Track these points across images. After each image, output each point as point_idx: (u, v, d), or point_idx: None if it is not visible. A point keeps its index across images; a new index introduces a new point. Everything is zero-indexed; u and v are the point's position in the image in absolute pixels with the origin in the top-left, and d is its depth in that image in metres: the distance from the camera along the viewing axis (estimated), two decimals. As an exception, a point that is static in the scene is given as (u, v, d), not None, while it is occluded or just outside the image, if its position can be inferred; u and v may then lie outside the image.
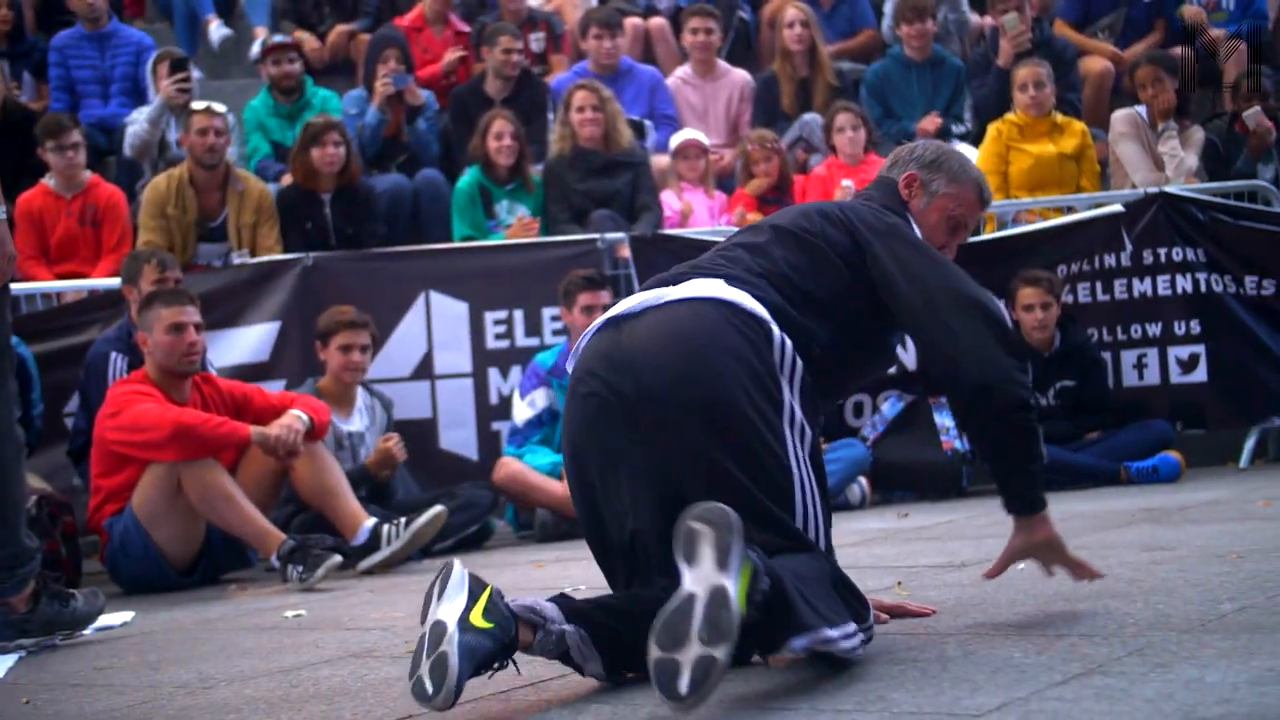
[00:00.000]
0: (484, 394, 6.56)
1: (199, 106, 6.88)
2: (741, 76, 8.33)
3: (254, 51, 8.65)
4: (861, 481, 6.29)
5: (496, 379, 6.57)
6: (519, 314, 6.59)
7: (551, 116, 7.76)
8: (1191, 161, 7.32)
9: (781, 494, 2.62)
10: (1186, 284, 6.64)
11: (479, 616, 2.40)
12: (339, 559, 5.02)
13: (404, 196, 7.47)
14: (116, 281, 6.12)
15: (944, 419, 6.35)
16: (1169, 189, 6.80)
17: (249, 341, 6.42)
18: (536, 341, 6.54)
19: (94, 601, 4.06)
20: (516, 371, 6.46)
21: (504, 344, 6.59)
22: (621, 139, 7.31)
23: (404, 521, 5.29)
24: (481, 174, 7.16)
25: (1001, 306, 5.09)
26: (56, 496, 5.45)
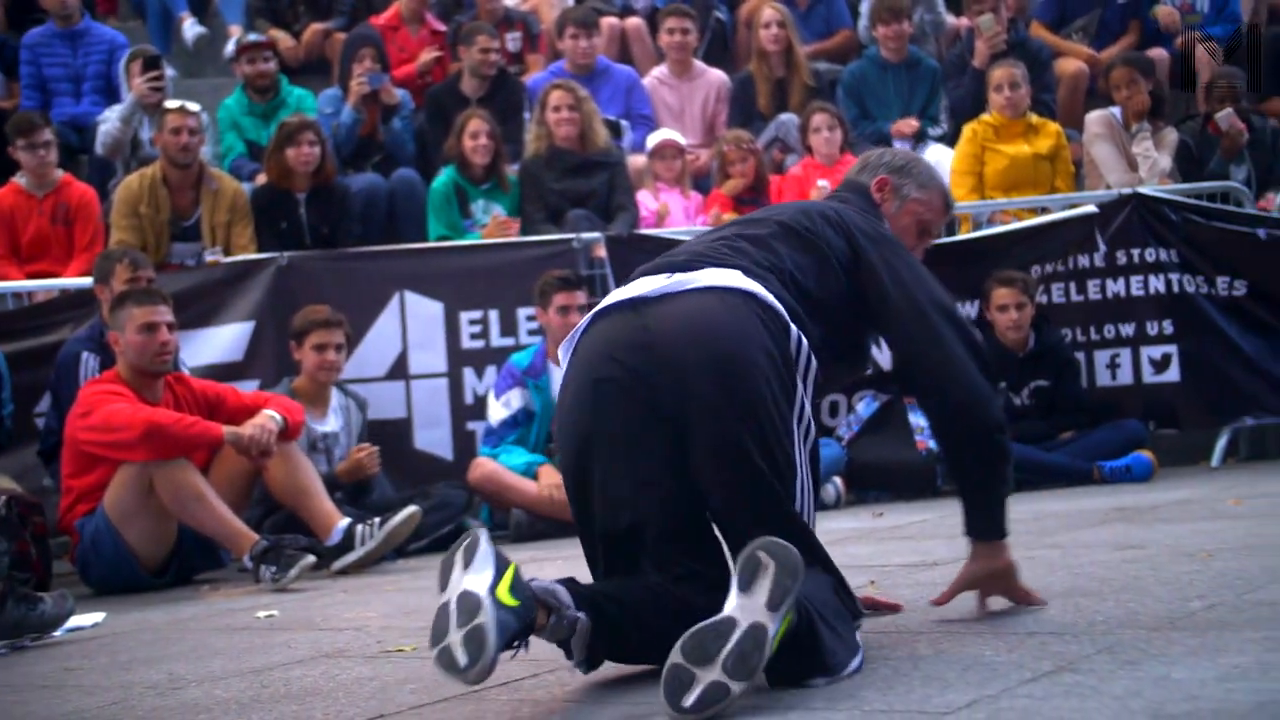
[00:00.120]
0: (459, 394, 6.54)
1: (172, 105, 6.84)
2: (718, 77, 8.32)
3: (228, 50, 8.60)
4: (836, 481, 6.30)
5: (471, 379, 6.55)
6: (494, 314, 6.57)
7: (528, 116, 7.74)
8: (1165, 163, 7.36)
9: (787, 489, 2.63)
10: (1159, 284, 6.68)
11: (506, 592, 2.37)
12: (312, 559, 5.00)
13: (379, 196, 7.44)
14: (88, 281, 6.07)
15: (918, 419, 6.36)
16: (1143, 190, 6.84)
17: (223, 341, 6.39)
18: (512, 341, 6.53)
19: (62, 604, 4.04)
20: (491, 371, 6.44)
21: (479, 344, 6.57)
22: (597, 139, 7.30)
23: (378, 521, 5.28)
24: (457, 173, 7.14)
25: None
26: (27, 497, 5.38)
